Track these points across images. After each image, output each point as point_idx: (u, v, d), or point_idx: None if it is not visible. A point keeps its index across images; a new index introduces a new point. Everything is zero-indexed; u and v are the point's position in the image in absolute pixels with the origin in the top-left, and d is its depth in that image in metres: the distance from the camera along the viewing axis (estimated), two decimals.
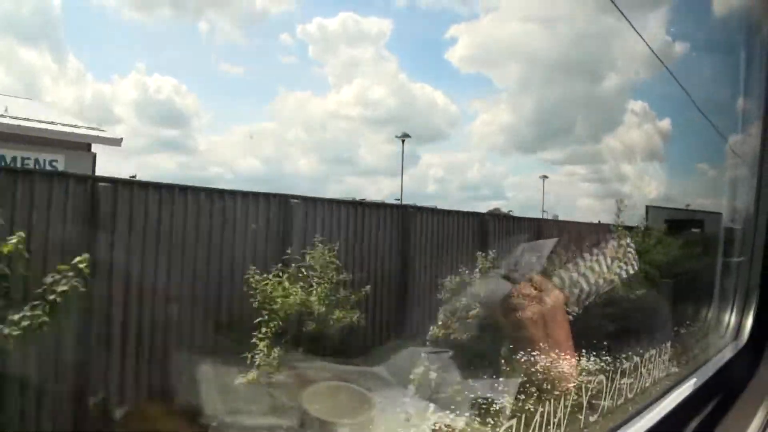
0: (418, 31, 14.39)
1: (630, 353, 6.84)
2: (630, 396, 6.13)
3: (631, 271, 8.29)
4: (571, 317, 6.90)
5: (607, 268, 8.00)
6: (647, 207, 15.08)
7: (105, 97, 11.81)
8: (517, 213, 12.38)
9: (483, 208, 13.75)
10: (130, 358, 5.67)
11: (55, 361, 5.13)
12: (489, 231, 9.50)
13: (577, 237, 9.18)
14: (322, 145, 13.50)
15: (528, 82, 13.92)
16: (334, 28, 13.36)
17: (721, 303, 3.30)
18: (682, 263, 10.10)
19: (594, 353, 6.86)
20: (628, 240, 8.61)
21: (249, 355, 5.79)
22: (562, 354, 6.23)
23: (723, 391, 2.43)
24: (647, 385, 6.46)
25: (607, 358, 6.86)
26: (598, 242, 8.49)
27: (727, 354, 2.74)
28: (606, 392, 5.90)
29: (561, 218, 12.70)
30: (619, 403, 6.01)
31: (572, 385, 5.88)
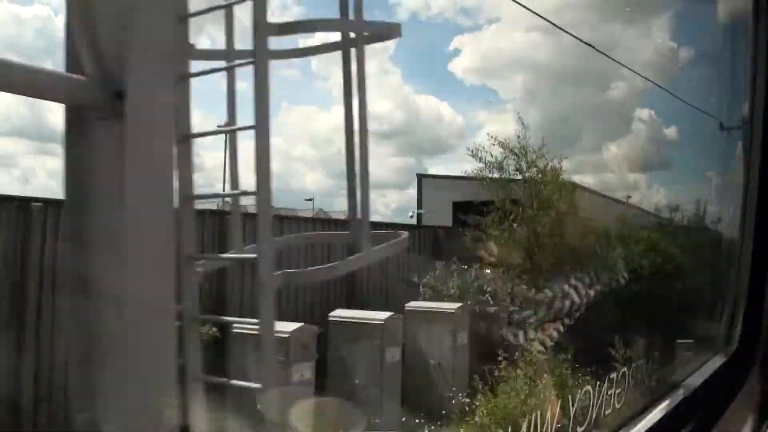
0: (422, 44, 14.45)
1: None
2: None
3: None
4: None
5: None
6: (418, 176, 11.23)
7: None
8: None
9: None
10: None
11: None
12: None
13: None
14: (328, 160, 13.34)
15: (533, 93, 13.93)
16: (337, 41, 13.38)
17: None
18: None
19: None
20: None
21: None
22: None
23: (713, 400, 2.38)
24: None
25: None
26: None
27: (717, 363, 2.70)
28: None
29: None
30: None
31: None
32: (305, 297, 6.91)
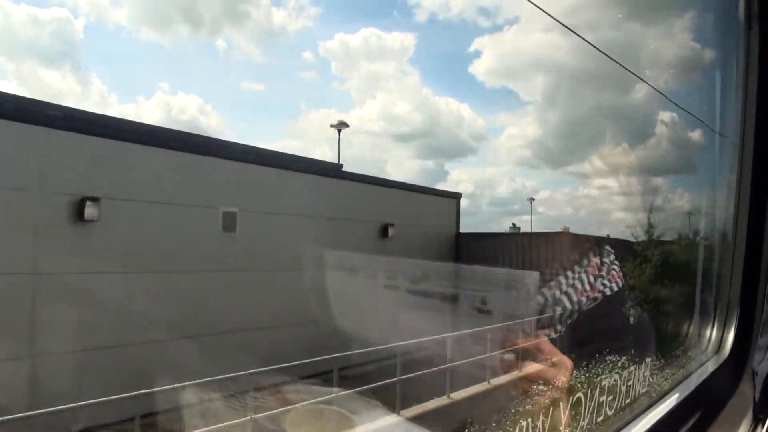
0: (441, 45, 14.26)
1: None
2: None
3: None
4: None
5: None
6: None
7: (129, 118, 11.49)
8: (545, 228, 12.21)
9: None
10: None
11: None
12: None
13: None
14: (345, 162, 13.07)
15: (554, 94, 13.70)
16: (356, 44, 13.28)
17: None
18: None
19: None
20: None
21: None
22: None
23: (706, 405, 2.38)
24: None
25: None
26: None
27: (710, 368, 2.70)
28: None
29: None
30: None
31: None
32: None
